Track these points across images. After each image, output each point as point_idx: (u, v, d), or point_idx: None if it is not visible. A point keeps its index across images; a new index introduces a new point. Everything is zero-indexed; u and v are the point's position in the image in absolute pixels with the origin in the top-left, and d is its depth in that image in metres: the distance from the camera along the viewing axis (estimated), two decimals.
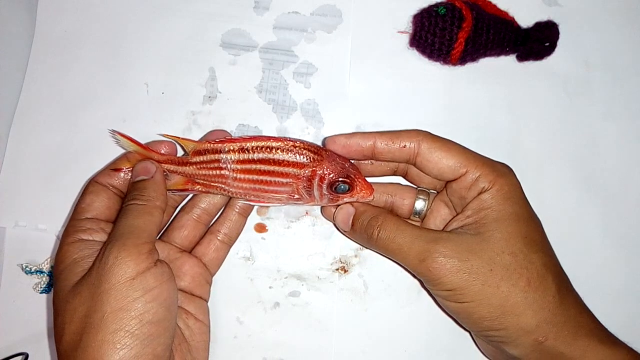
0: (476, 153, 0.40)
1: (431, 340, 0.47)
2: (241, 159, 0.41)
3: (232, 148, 0.41)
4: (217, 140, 0.42)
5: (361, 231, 0.40)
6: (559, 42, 0.50)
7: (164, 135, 0.44)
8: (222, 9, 0.52)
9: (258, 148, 0.41)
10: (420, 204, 0.44)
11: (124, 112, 0.50)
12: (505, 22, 0.49)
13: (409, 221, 0.42)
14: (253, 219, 0.48)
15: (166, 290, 0.37)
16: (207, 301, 0.44)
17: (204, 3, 0.52)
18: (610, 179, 0.50)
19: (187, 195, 0.46)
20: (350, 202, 0.42)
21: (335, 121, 0.50)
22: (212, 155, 0.42)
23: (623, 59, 0.52)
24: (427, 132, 0.41)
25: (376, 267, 0.48)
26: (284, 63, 0.51)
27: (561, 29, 0.50)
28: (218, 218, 0.46)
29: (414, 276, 0.47)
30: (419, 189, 0.44)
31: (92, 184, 0.42)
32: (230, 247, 0.46)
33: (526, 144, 0.50)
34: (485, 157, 0.40)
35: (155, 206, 0.39)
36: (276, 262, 0.48)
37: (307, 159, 0.41)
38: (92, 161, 0.48)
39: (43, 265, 0.47)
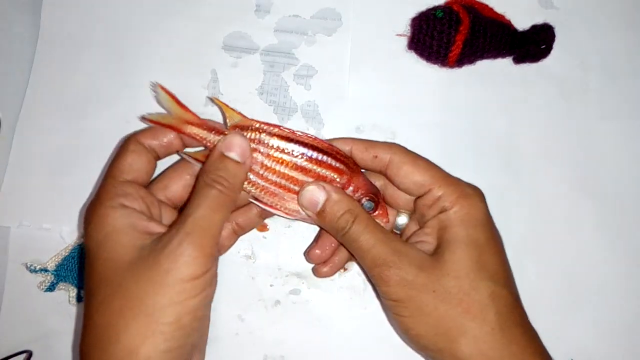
0: (445, 173, 0.40)
1: None
2: (282, 147, 0.39)
3: (279, 133, 0.39)
4: (265, 123, 0.40)
5: (332, 219, 0.39)
6: (555, 45, 0.51)
7: (212, 99, 0.41)
8: (224, 12, 0.52)
9: (306, 143, 0.39)
10: (402, 220, 0.44)
11: (127, 113, 0.50)
12: (501, 25, 0.49)
13: None
14: None
15: (214, 289, 0.37)
16: None
17: (206, 6, 0.52)
18: (606, 180, 0.50)
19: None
20: (323, 186, 0.40)
21: (335, 122, 0.51)
22: (253, 133, 0.39)
23: (619, 60, 0.52)
24: (401, 146, 0.41)
25: None
26: (285, 65, 0.52)
27: (557, 31, 0.50)
28: (239, 209, 0.44)
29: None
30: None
31: (134, 142, 0.39)
32: (239, 237, 0.45)
33: (523, 146, 0.51)
34: (454, 178, 0.40)
35: (234, 200, 0.37)
36: (277, 261, 0.48)
37: (346, 168, 0.40)
38: (96, 161, 0.48)
39: (47, 264, 0.47)
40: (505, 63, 0.52)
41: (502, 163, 0.50)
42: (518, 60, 0.51)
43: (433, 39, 0.49)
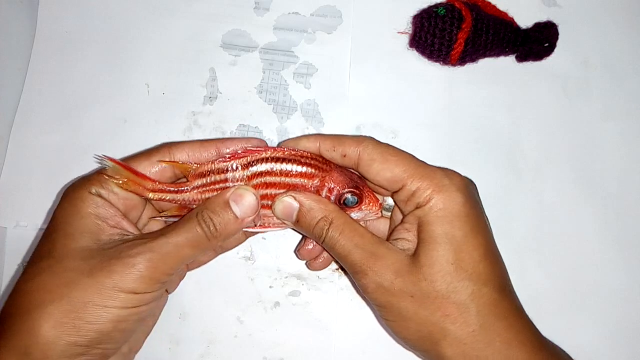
0: (420, 164, 0.38)
1: None
2: (249, 174, 0.39)
3: (238, 165, 0.39)
4: (220, 159, 0.39)
5: (308, 228, 0.38)
6: (558, 43, 0.50)
7: (159, 162, 0.39)
8: (223, 9, 0.52)
9: (266, 158, 0.39)
10: (390, 200, 0.41)
11: (124, 112, 0.50)
12: (504, 22, 0.49)
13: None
14: None
15: (151, 314, 0.37)
16: (169, 294, 0.44)
17: (204, 4, 0.52)
18: (609, 179, 0.50)
19: None
20: (293, 196, 0.38)
21: (335, 121, 0.50)
22: (217, 176, 0.39)
23: (622, 59, 0.52)
24: (371, 140, 0.38)
25: None
26: (284, 63, 0.51)
27: (560, 29, 0.50)
28: None
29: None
30: None
31: (163, 155, 0.39)
32: (218, 255, 0.45)
33: (525, 144, 0.50)
34: (429, 169, 0.37)
35: (213, 246, 0.37)
36: (276, 262, 0.48)
37: (315, 170, 0.39)
38: (93, 161, 0.48)
39: None
40: (508, 61, 0.51)
41: (505, 162, 0.50)
42: (521, 58, 0.51)
43: (435, 36, 0.48)
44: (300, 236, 0.48)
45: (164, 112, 0.50)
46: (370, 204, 0.40)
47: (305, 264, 0.46)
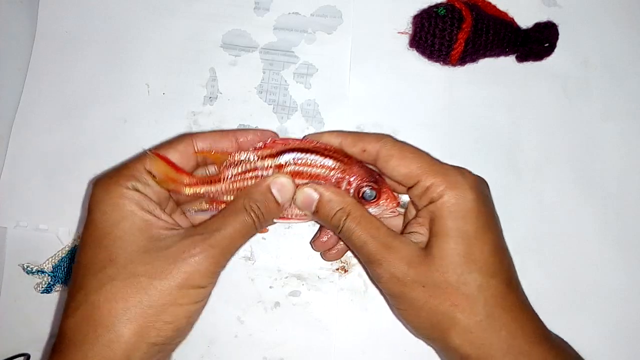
0: (435, 161, 0.39)
1: None
2: (277, 163, 0.40)
3: (266, 154, 0.40)
4: (250, 150, 0.40)
5: (326, 220, 0.39)
6: (558, 43, 0.50)
7: (197, 151, 0.40)
8: (223, 9, 0.52)
9: (292, 149, 0.40)
10: (405, 197, 0.42)
11: (124, 112, 0.50)
12: (504, 22, 0.49)
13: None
14: None
15: (207, 301, 0.37)
16: None
17: (204, 4, 0.52)
18: (609, 179, 0.50)
19: None
20: (314, 187, 0.39)
21: (335, 121, 0.50)
22: (248, 165, 0.40)
23: (622, 59, 0.52)
24: (390, 137, 0.40)
25: None
26: (285, 64, 0.51)
27: (560, 29, 0.50)
28: None
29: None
30: None
31: (187, 142, 0.39)
32: None
33: (525, 144, 0.50)
34: (444, 167, 0.39)
35: (256, 233, 0.38)
36: (277, 262, 0.48)
37: (338, 163, 0.40)
38: (93, 161, 0.48)
39: (44, 265, 0.47)
40: (508, 61, 0.51)
41: (505, 162, 0.50)
42: (521, 58, 0.51)
43: (435, 36, 0.48)
44: (301, 239, 0.48)
45: (164, 112, 0.50)
46: (388, 200, 0.41)
47: (320, 254, 0.46)
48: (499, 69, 0.51)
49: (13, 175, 0.48)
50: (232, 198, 0.39)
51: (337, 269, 0.48)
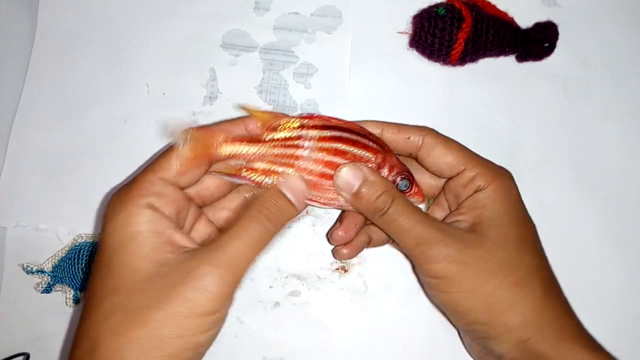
0: (476, 154, 0.41)
1: (431, 339, 0.47)
2: (322, 135, 0.38)
3: (314, 124, 0.38)
4: (297, 116, 0.38)
5: (369, 201, 0.38)
6: (558, 43, 0.50)
7: (241, 106, 0.39)
8: (223, 9, 0.52)
9: (341, 127, 0.39)
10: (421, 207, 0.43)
11: (124, 112, 0.50)
12: (504, 22, 0.49)
13: None
14: None
15: (221, 328, 0.35)
16: None
17: (204, 4, 0.52)
18: (609, 179, 0.50)
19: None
20: (359, 167, 0.38)
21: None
22: (291, 132, 0.38)
23: (622, 59, 0.52)
24: (431, 129, 0.41)
25: (376, 266, 0.48)
26: (284, 63, 0.51)
27: (560, 29, 0.50)
28: None
29: (413, 270, 0.47)
30: None
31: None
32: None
33: (525, 144, 0.50)
34: (485, 159, 0.41)
35: (273, 239, 0.35)
36: (276, 262, 0.48)
37: (380, 148, 0.40)
38: (93, 161, 0.48)
39: (44, 265, 0.47)
40: (508, 61, 0.51)
41: (505, 162, 0.49)
42: (521, 58, 0.51)
43: (435, 36, 0.48)
44: (301, 239, 0.48)
45: (164, 112, 0.50)
46: (417, 193, 0.41)
47: (332, 252, 0.46)
48: (499, 69, 0.51)
49: (13, 175, 0.48)
50: (266, 166, 0.37)
51: (337, 269, 0.48)
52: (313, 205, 0.39)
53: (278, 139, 0.38)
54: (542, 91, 0.51)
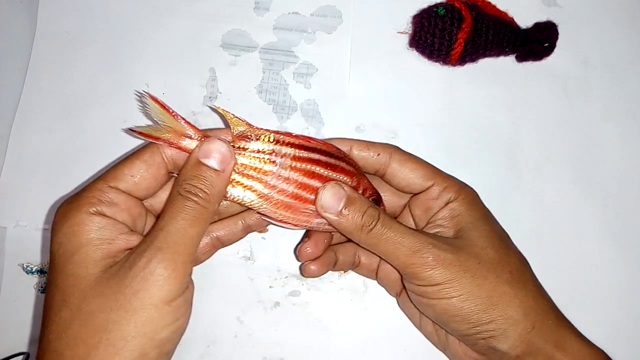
0: (440, 170, 0.42)
1: None
2: (299, 155, 0.37)
3: (291, 141, 0.37)
4: (274, 130, 0.37)
5: (355, 218, 0.37)
6: (558, 43, 0.50)
7: (215, 107, 0.37)
8: (223, 9, 0.52)
9: (319, 149, 0.38)
10: None
11: (124, 112, 0.50)
12: (504, 22, 0.49)
13: None
14: None
15: (188, 318, 0.34)
16: None
17: (204, 4, 0.52)
18: (608, 179, 0.50)
19: None
20: (342, 186, 0.38)
21: (335, 121, 0.50)
22: (265, 145, 0.36)
23: (622, 59, 0.52)
24: (397, 147, 0.42)
25: None
26: (284, 63, 0.51)
27: (560, 29, 0.50)
28: (220, 221, 0.42)
29: (403, 287, 0.46)
30: None
31: (151, 151, 0.36)
32: (216, 251, 0.43)
33: (525, 144, 0.50)
34: (448, 174, 0.42)
35: (212, 212, 0.34)
36: (276, 262, 0.48)
37: (355, 170, 0.40)
38: (93, 161, 0.48)
39: (44, 265, 0.47)
40: (507, 61, 0.51)
41: (505, 162, 0.50)
42: (521, 58, 0.51)
43: (435, 36, 0.48)
44: (299, 236, 0.48)
45: None
46: None
47: (300, 269, 0.46)
48: (499, 69, 0.51)
49: (13, 175, 0.48)
50: (232, 175, 0.36)
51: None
52: (284, 227, 0.39)
53: (248, 149, 0.37)
54: (542, 91, 0.51)
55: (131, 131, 0.35)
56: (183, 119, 0.36)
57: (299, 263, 0.47)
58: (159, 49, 0.51)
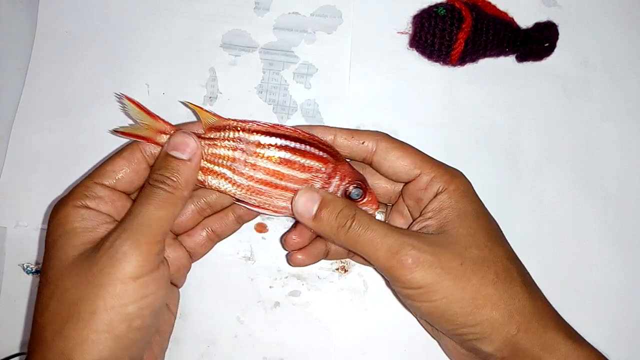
0: (431, 157, 0.41)
1: (431, 339, 0.47)
2: (264, 142, 0.38)
3: (258, 129, 0.38)
4: (243, 120, 0.39)
5: (330, 221, 0.37)
6: (558, 43, 0.50)
7: (185, 103, 0.40)
8: (223, 9, 0.52)
9: (287, 135, 0.38)
10: (378, 217, 0.43)
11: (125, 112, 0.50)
12: (504, 22, 0.49)
13: None
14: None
15: (161, 297, 0.35)
16: (179, 288, 0.44)
17: (204, 4, 0.52)
18: (609, 179, 0.50)
19: None
20: (315, 190, 0.39)
21: (335, 121, 0.50)
22: (231, 133, 0.38)
23: (622, 59, 0.52)
24: (386, 134, 0.41)
25: None
26: (284, 63, 0.51)
27: (560, 29, 0.50)
28: (214, 215, 0.44)
29: (388, 286, 0.47)
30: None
31: (131, 148, 0.39)
32: (215, 244, 0.44)
33: (525, 144, 0.50)
34: (439, 161, 0.41)
35: (182, 197, 0.36)
36: (276, 262, 0.48)
37: (330, 157, 0.39)
38: (93, 161, 0.48)
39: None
40: (508, 61, 0.51)
41: (505, 162, 0.50)
42: (521, 58, 0.51)
43: (435, 36, 0.48)
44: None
45: (164, 112, 0.49)
46: (370, 203, 0.40)
47: (287, 258, 0.46)
48: (499, 69, 0.51)
49: (13, 175, 0.48)
50: (205, 165, 0.38)
51: (337, 269, 0.48)
52: (264, 213, 0.40)
53: (215, 138, 0.38)
54: (542, 91, 0.51)
55: (115, 132, 0.39)
56: (158, 117, 0.39)
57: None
58: (159, 49, 0.51)
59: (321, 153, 0.39)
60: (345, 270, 0.48)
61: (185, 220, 0.42)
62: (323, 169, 0.39)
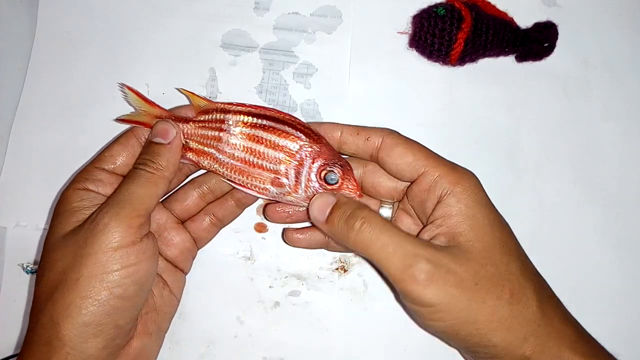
0: (438, 155, 0.39)
1: (431, 339, 0.47)
2: (246, 121, 0.41)
3: (240, 110, 0.41)
4: (231, 102, 0.42)
5: (340, 223, 0.36)
6: (558, 43, 0.50)
7: (180, 89, 0.43)
8: (223, 9, 0.52)
9: (267, 116, 0.41)
10: (385, 212, 0.42)
11: (124, 112, 0.49)
12: (504, 22, 0.49)
13: None
14: (254, 218, 0.48)
15: (144, 269, 0.37)
16: (186, 274, 0.45)
17: (204, 4, 0.52)
18: (609, 179, 0.50)
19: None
20: (332, 194, 0.39)
21: (335, 121, 0.50)
22: (217, 114, 0.41)
23: (622, 59, 0.52)
24: (393, 130, 0.41)
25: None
26: (284, 63, 0.51)
27: (560, 29, 0.50)
28: (216, 201, 0.45)
29: (397, 299, 0.46)
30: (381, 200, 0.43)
31: (127, 135, 0.42)
32: (220, 229, 0.46)
33: (525, 144, 0.50)
34: (446, 160, 0.39)
35: (163, 177, 0.39)
36: (276, 262, 0.48)
37: (308, 138, 0.40)
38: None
39: None
40: (507, 61, 0.51)
41: (505, 162, 0.50)
42: (521, 58, 0.51)
43: (435, 36, 0.48)
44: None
45: None
46: (349, 189, 0.40)
47: (282, 234, 0.46)
48: (498, 69, 0.51)
49: (13, 175, 0.49)
50: (196, 146, 0.42)
51: (337, 269, 0.48)
52: (249, 193, 0.42)
53: (204, 120, 0.42)
54: (542, 91, 0.51)
55: (118, 120, 0.42)
56: (154, 103, 0.42)
57: (299, 263, 0.47)
58: (159, 49, 0.51)
59: (297, 133, 0.40)
60: (345, 270, 0.48)
61: (189, 206, 0.44)
62: (295, 148, 0.40)
